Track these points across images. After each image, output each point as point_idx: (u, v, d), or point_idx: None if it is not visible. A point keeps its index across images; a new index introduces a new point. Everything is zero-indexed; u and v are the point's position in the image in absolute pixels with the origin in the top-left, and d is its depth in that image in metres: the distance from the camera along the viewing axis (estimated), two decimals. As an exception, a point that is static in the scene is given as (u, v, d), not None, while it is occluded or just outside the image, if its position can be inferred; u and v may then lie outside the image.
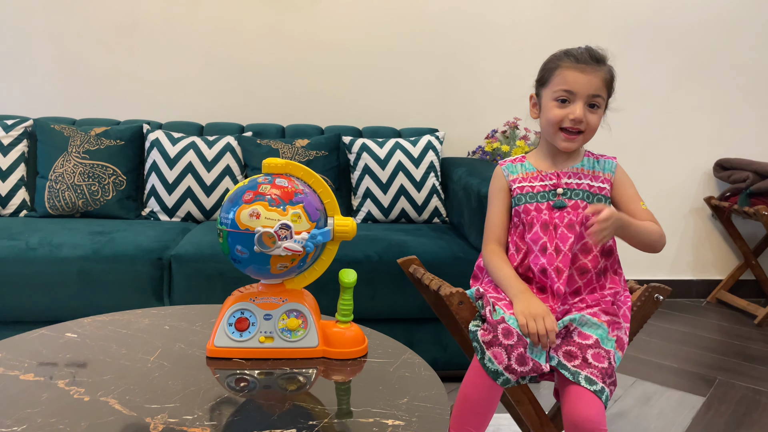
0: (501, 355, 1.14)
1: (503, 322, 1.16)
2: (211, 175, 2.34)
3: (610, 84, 1.29)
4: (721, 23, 3.00)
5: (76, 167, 2.28)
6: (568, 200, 1.31)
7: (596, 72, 1.26)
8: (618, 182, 1.34)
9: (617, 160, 1.37)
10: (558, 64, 1.29)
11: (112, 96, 2.70)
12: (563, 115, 1.27)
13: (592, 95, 1.26)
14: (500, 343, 1.15)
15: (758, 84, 3.08)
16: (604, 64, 1.29)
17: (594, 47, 1.30)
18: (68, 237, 1.94)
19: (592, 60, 1.27)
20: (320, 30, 2.77)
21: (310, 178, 1.08)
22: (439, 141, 2.54)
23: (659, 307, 1.36)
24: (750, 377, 2.25)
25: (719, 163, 3.07)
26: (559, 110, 1.28)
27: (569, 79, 1.26)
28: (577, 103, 1.26)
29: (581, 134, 1.29)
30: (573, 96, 1.27)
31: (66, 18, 2.63)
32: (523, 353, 1.14)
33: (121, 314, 1.23)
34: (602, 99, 1.28)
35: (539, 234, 1.30)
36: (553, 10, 2.89)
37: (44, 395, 0.89)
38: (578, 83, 1.26)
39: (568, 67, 1.27)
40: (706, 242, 3.22)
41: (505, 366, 1.14)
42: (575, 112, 1.26)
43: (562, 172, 1.34)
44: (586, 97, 1.26)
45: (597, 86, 1.26)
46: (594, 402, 1.13)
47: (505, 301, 1.23)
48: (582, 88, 1.26)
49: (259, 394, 0.94)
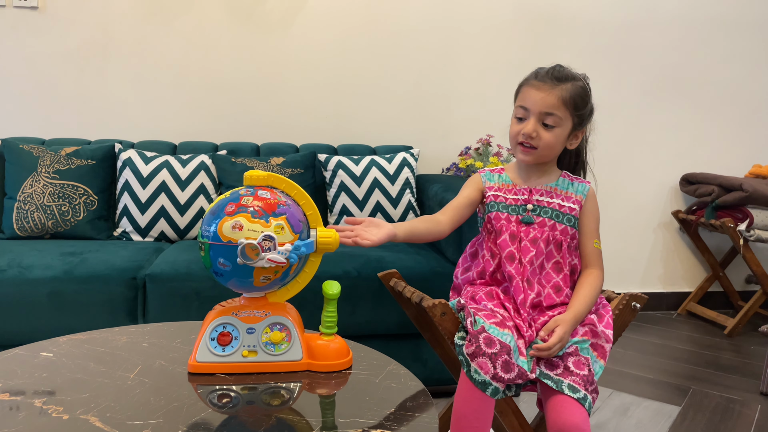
0: (486, 364, 1.14)
1: (484, 331, 1.17)
2: (185, 194, 2.31)
3: (571, 102, 1.28)
4: (685, 42, 3.11)
5: (45, 187, 2.24)
6: (537, 217, 1.33)
7: (551, 90, 1.28)
8: (585, 210, 1.36)
9: (590, 186, 1.39)
10: (524, 82, 1.34)
11: (83, 115, 2.66)
12: (517, 131, 1.32)
13: (543, 113, 1.28)
14: (483, 353, 1.15)
15: (721, 101, 3.19)
16: (566, 82, 1.29)
17: (563, 66, 1.32)
18: (38, 258, 1.90)
19: (550, 78, 1.29)
20: (294, 49, 2.78)
21: (292, 190, 1.07)
22: (414, 158, 2.56)
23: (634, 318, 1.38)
24: (723, 386, 2.30)
25: (685, 178, 3.15)
26: (516, 126, 1.33)
27: (526, 96, 1.31)
28: (530, 120, 1.29)
29: (536, 149, 1.30)
30: (527, 113, 1.30)
31: (35, 36, 2.59)
32: (507, 360, 1.14)
33: (98, 332, 1.20)
34: (558, 117, 1.28)
35: (507, 242, 1.32)
36: (521, 30, 2.96)
37: (21, 415, 0.86)
38: (531, 100, 1.29)
39: (529, 85, 1.31)
40: (674, 255, 3.29)
41: (491, 375, 1.14)
42: (525, 128, 1.29)
43: (535, 188, 1.36)
44: (537, 115, 1.29)
45: (550, 104, 1.27)
46: (578, 409, 1.14)
47: (485, 311, 1.23)
48: (534, 105, 1.29)
49: (244, 408, 0.93)
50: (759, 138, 3.25)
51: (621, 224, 3.20)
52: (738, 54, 3.17)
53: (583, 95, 1.31)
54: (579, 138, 1.36)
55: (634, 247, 3.24)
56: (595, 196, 1.38)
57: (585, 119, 1.34)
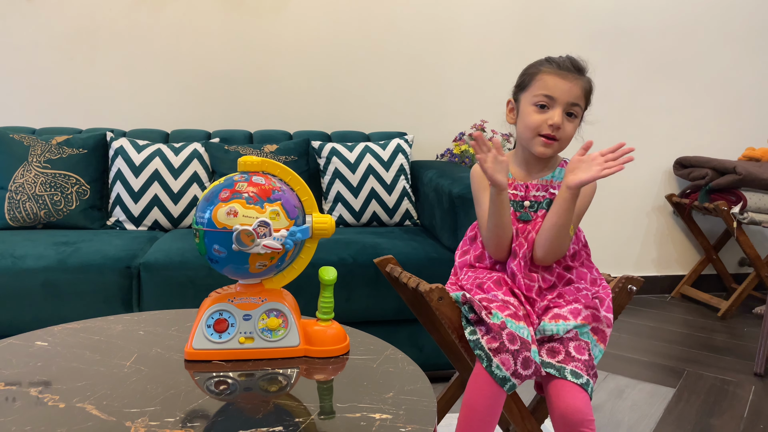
0: (509, 361, 1.14)
1: (506, 327, 1.16)
2: (179, 183, 2.29)
3: (588, 95, 1.29)
4: (678, 26, 3.10)
5: (37, 177, 2.22)
6: (534, 213, 1.32)
7: (577, 81, 1.26)
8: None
9: None
10: (539, 70, 1.29)
11: (73, 104, 2.63)
12: (542, 120, 1.26)
13: (571, 103, 1.26)
14: (507, 350, 1.14)
15: (714, 84, 3.19)
16: (584, 74, 1.29)
17: (576, 57, 1.30)
18: (31, 248, 1.88)
19: (573, 68, 1.27)
20: (286, 35, 2.76)
21: (287, 175, 1.07)
22: (409, 144, 2.55)
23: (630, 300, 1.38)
24: (717, 368, 2.31)
25: (679, 162, 3.15)
26: (538, 115, 1.27)
27: (550, 84, 1.26)
28: (556, 109, 1.25)
29: (557, 141, 1.28)
30: (553, 102, 1.26)
31: (24, 24, 2.56)
32: (527, 357, 1.15)
33: (93, 321, 1.20)
34: (580, 108, 1.28)
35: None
36: (515, 14, 2.94)
37: (17, 404, 0.86)
38: (559, 89, 1.25)
39: (549, 73, 1.27)
40: (668, 239, 3.30)
41: (512, 372, 1.14)
42: (554, 117, 1.25)
43: (532, 184, 1.33)
44: (565, 105, 1.25)
45: (576, 95, 1.26)
46: (581, 394, 1.14)
47: (497, 302, 1.23)
48: (562, 95, 1.25)
49: (242, 395, 0.93)
50: (752, 121, 3.25)
51: (615, 208, 3.21)
52: (731, 37, 3.16)
53: (593, 87, 1.32)
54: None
55: (628, 230, 3.25)
56: (594, 189, 1.33)
57: None
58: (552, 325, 1.21)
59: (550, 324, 1.21)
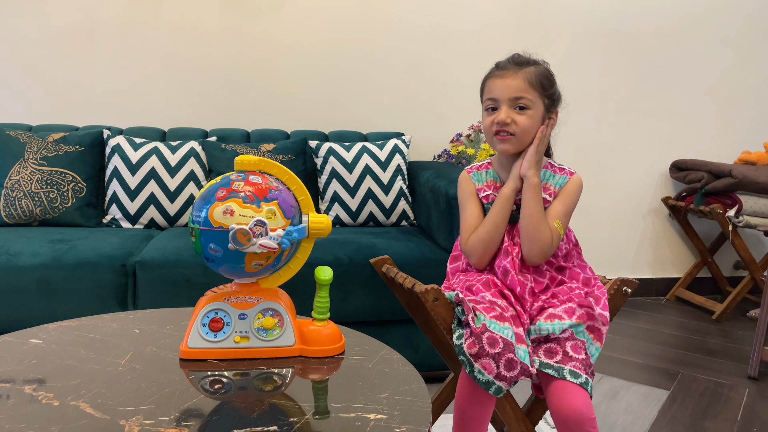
0: (490, 365, 1.14)
1: (486, 330, 1.16)
2: (175, 181, 2.29)
3: (538, 84, 1.29)
4: (674, 29, 3.11)
5: (33, 174, 2.21)
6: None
7: (516, 75, 1.28)
8: (560, 193, 1.33)
9: (574, 175, 1.35)
10: (486, 77, 1.35)
11: (70, 101, 2.62)
12: (491, 121, 1.31)
13: (513, 98, 1.28)
14: (487, 353, 1.14)
15: (711, 87, 3.20)
16: (528, 66, 1.30)
17: (521, 53, 1.34)
18: (26, 245, 1.88)
19: (512, 64, 1.30)
20: (284, 35, 2.75)
21: (283, 175, 1.07)
22: (406, 144, 2.55)
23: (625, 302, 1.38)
24: (711, 370, 2.32)
25: (675, 164, 3.16)
26: (488, 118, 1.32)
27: (491, 87, 1.31)
28: (501, 108, 1.29)
29: (513, 136, 1.30)
30: (497, 102, 1.30)
31: (20, 21, 2.55)
32: (511, 358, 1.14)
33: (88, 319, 1.19)
34: (529, 99, 1.28)
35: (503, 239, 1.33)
36: (513, 16, 2.94)
37: (11, 401, 0.85)
38: (498, 89, 1.29)
39: (491, 77, 1.33)
40: (664, 241, 3.31)
41: (495, 375, 1.14)
42: (499, 115, 1.29)
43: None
44: (508, 101, 1.29)
45: (518, 88, 1.28)
46: (581, 394, 1.15)
47: (484, 304, 1.23)
48: (502, 93, 1.29)
49: (236, 394, 0.92)
50: (748, 124, 3.26)
51: (611, 210, 3.21)
52: (728, 41, 3.17)
53: (548, 75, 1.32)
54: (555, 121, 1.34)
55: (623, 233, 3.26)
56: (578, 186, 1.34)
57: (556, 101, 1.33)
58: (548, 325, 1.21)
59: (546, 323, 1.22)
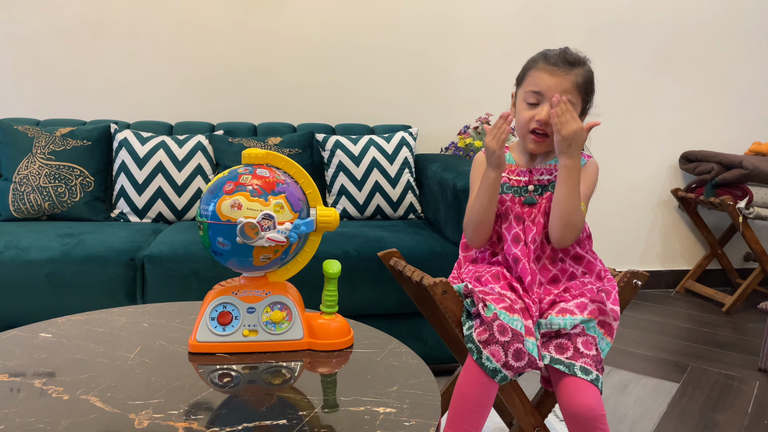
0: (498, 352, 1.14)
1: (497, 318, 1.16)
2: (182, 175, 2.29)
3: (583, 87, 1.27)
4: (684, 20, 3.07)
5: (41, 169, 2.22)
6: (539, 196, 1.32)
7: (566, 75, 1.25)
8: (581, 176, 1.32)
9: (591, 159, 1.35)
10: (532, 65, 1.30)
11: (78, 96, 2.63)
12: (530, 116, 1.28)
13: None
14: (497, 341, 1.14)
15: (720, 79, 3.17)
16: (579, 66, 1.27)
17: (571, 49, 1.29)
18: (35, 239, 1.88)
19: (563, 63, 1.26)
20: (290, 27, 2.74)
21: (291, 168, 1.06)
22: (413, 137, 2.54)
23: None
24: (721, 363, 2.31)
25: (685, 156, 3.14)
26: (527, 112, 1.28)
27: (538, 80, 1.27)
28: (545, 105, 1.26)
29: (547, 137, 1.28)
30: (541, 98, 1.26)
31: (28, 16, 2.55)
32: (519, 348, 1.14)
33: (97, 313, 1.20)
34: (572, 102, 1.26)
35: (513, 225, 1.32)
36: (521, 9, 2.92)
37: (21, 395, 0.86)
38: (546, 85, 1.25)
39: (540, 69, 1.27)
40: (673, 233, 3.29)
41: (503, 363, 1.14)
42: (541, 113, 1.26)
43: (535, 168, 1.34)
44: None
45: (565, 89, 1.25)
46: (591, 390, 1.14)
47: (493, 295, 1.22)
48: (549, 91, 1.25)
49: (245, 388, 0.92)
50: (758, 115, 3.23)
51: (620, 202, 3.19)
52: (738, 32, 3.13)
53: (592, 79, 1.30)
54: (582, 122, 1.33)
55: (633, 225, 3.24)
56: (596, 169, 1.34)
57: (591, 103, 1.32)
58: (559, 319, 1.21)
59: (557, 318, 1.21)
